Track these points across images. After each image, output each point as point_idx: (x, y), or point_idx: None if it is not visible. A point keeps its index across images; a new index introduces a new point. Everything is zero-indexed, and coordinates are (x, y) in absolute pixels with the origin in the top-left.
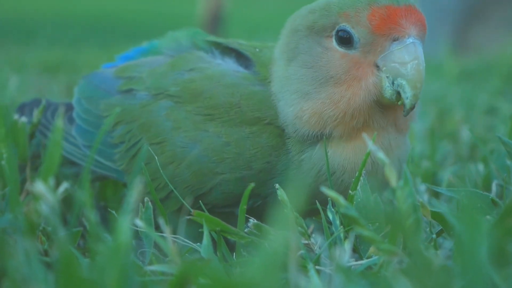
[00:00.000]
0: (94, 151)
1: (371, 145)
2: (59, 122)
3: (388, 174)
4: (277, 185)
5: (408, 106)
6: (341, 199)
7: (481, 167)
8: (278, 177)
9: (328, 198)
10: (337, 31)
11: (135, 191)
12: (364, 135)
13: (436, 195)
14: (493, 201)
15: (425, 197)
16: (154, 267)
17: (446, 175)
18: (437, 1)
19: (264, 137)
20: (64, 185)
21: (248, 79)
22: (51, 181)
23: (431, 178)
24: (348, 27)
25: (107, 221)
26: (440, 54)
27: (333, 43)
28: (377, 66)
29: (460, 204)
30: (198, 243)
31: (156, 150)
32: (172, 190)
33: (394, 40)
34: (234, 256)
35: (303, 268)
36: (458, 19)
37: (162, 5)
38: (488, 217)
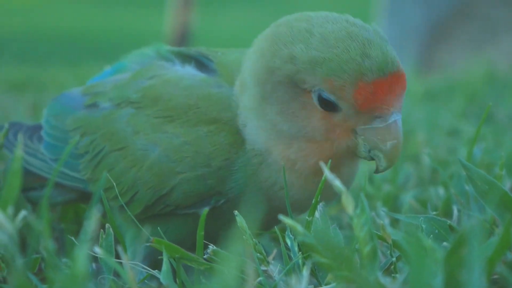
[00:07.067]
0: (61, 162)
1: (327, 173)
2: (19, 151)
3: (345, 202)
4: (236, 212)
5: (380, 171)
6: (298, 227)
7: (441, 191)
8: (237, 173)
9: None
10: (320, 93)
11: (93, 220)
12: (322, 164)
13: (396, 219)
14: (451, 227)
15: (387, 220)
16: None
17: (407, 198)
18: (403, 20)
19: (222, 135)
20: (23, 213)
21: (205, 81)
22: (10, 210)
23: (392, 202)
24: (332, 97)
25: (66, 245)
26: (405, 73)
27: (314, 100)
28: (355, 131)
29: (408, 233)
30: (157, 270)
31: (118, 156)
32: (135, 193)
33: (377, 117)
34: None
35: None
36: (423, 39)
37: (130, 23)
38: (445, 243)
